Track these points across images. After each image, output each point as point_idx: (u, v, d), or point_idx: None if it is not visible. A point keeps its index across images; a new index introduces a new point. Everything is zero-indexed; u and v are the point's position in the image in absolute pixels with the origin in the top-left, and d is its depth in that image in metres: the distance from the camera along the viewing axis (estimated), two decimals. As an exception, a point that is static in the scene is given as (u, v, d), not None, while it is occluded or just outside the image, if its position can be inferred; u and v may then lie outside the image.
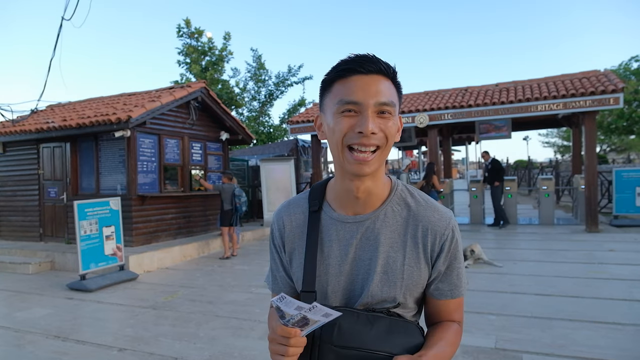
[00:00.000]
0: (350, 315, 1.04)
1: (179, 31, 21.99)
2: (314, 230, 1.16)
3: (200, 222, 10.68)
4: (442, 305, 1.18)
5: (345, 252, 1.13)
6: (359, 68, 1.04)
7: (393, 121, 1.06)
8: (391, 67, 1.07)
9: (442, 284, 1.16)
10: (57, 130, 9.04)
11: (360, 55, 1.06)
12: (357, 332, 1.03)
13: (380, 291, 1.10)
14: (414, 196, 1.18)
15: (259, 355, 4.04)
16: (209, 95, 10.69)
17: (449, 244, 1.13)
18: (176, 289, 6.66)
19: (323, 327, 1.02)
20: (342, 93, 1.04)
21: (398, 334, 1.06)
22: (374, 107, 1.02)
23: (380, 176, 1.14)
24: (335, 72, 1.07)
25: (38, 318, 5.40)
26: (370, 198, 1.13)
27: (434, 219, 1.13)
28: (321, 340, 1.03)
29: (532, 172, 26.19)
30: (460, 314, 1.22)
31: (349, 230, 1.14)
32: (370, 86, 1.03)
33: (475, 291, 5.88)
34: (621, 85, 10.24)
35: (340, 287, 1.13)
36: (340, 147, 1.05)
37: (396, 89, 1.09)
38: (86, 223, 6.88)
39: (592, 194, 10.57)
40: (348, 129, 1.03)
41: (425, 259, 1.13)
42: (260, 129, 24.50)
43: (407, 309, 1.14)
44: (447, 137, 15.70)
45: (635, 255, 7.63)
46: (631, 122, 25.24)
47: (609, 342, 4.01)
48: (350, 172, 1.07)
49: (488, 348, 3.99)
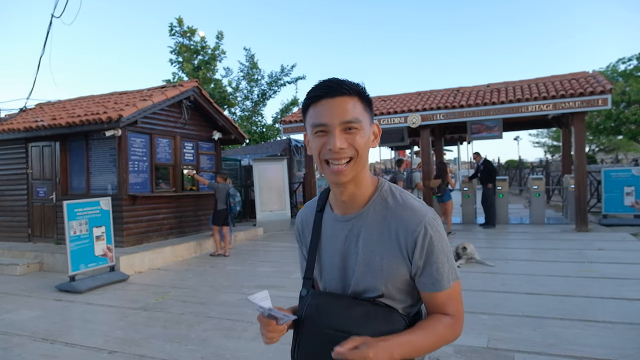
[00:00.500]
0: (331, 298, 1.26)
1: (171, 29, 21.88)
2: (317, 228, 1.37)
3: (192, 222, 10.62)
4: (430, 297, 1.25)
5: (337, 246, 1.31)
6: (324, 94, 1.19)
7: (361, 134, 1.19)
8: (355, 86, 1.21)
9: (423, 278, 1.23)
10: (46, 129, 8.95)
11: (326, 82, 1.21)
12: (333, 314, 1.20)
13: (363, 282, 1.24)
14: (394, 196, 1.29)
15: (252, 357, 4.02)
16: (202, 95, 10.64)
17: (421, 240, 1.20)
18: (167, 290, 6.62)
19: (306, 308, 1.26)
20: (314, 117, 1.20)
21: (376, 320, 1.18)
22: (340, 126, 1.17)
23: (362, 180, 1.26)
24: (307, 98, 1.23)
25: (26, 320, 5.34)
26: (354, 200, 1.28)
27: (406, 216, 1.23)
28: (304, 318, 1.25)
29: (523, 172, 26.39)
30: (453, 306, 1.26)
31: (340, 228, 1.31)
32: (335, 108, 1.17)
33: (467, 291, 5.90)
34: (609, 86, 10.34)
35: (334, 276, 1.31)
36: (319, 162, 1.23)
37: (364, 104, 1.23)
38: (76, 223, 6.82)
39: (582, 194, 10.65)
40: (321, 146, 1.19)
41: (402, 254, 1.22)
42: (253, 129, 24.44)
43: (394, 300, 1.23)
44: (439, 137, 15.74)
45: (623, 254, 7.70)
46: (619, 122, 25.49)
47: (599, 340, 4.04)
48: (330, 181, 1.25)
49: (480, 347, 4.00)
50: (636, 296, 5.27)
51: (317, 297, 1.27)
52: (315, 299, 1.26)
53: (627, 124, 25.50)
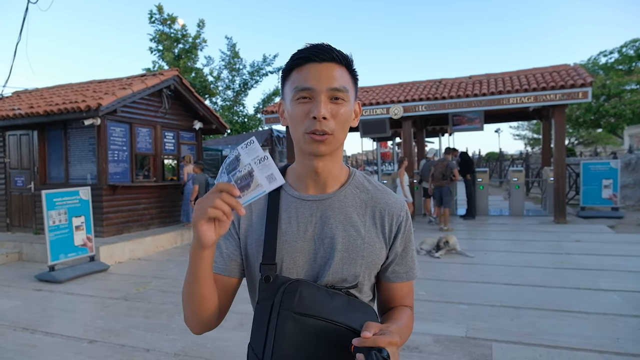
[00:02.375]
0: (311, 287, 1.07)
1: (150, 17, 21.54)
2: (274, 206, 1.18)
3: (174, 212, 10.54)
4: (397, 289, 1.23)
5: (304, 229, 1.15)
6: (313, 57, 1.09)
7: (346, 107, 1.10)
8: (345, 55, 1.12)
9: (398, 267, 1.21)
10: (23, 117, 8.76)
11: (315, 45, 1.11)
12: (318, 302, 1.05)
13: (341, 269, 1.13)
14: (370, 182, 1.24)
15: (233, 346, 4.04)
16: (182, 84, 10.51)
17: (404, 225, 1.19)
18: (148, 280, 6.58)
19: (284, 293, 1.04)
20: (298, 80, 1.09)
21: (357, 311, 1.09)
22: (327, 93, 1.07)
23: (339, 158, 1.18)
24: (292, 60, 1.12)
25: (5, 310, 5.27)
26: (330, 178, 1.17)
27: (390, 202, 1.20)
28: (281, 307, 1.04)
29: (503, 164, 26.69)
30: (411, 299, 1.27)
31: (308, 209, 1.17)
32: (323, 73, 1.08)
33: (447, 281, 5.99)
34: (590, 79, 10.48)
35: (297, 263, 1.14)
36: (299, 132, 1.10)
37: (351, 76, 1.14)
38: (55, 213, 6.72)
39: (561, 186, 10.84)
40: (303, 115, 1.08)
41: (384, 240, 1.18)
42: (234, 119, 24.27)
43: (363, 293, 1.18)
44: (421, 129, 15.82)
45: (600, 246, 7.87)
46: (598, 115, 25.97)
47: (574, 330, 4.14)
48: (308, 152, 1.11)
49: (459, 337, 4.07)
50: (611, 287, 5.40)
51: (296, 284, 1.06)
52: (293, 285, 1.06)
53: (607, 117, 26.02)
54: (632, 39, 26.55)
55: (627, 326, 4.20)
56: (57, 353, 4.03)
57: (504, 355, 3.67)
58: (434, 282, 5.93)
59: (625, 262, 6.63)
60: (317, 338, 1.02)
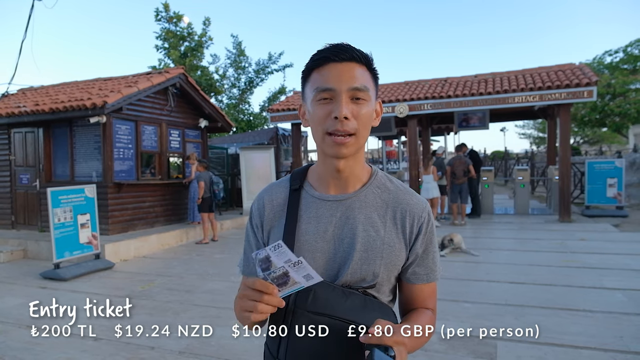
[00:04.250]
0: (326, 286, 1.07)
1: (157, 15, 21.52)
2: (294, 207, 1.19)
3: (179, 210, 10.57)
4: (418, 290, 1.21)
5: (324, 229, 1.15)
6: (333, 57, 1.09)
7: (367, 107, 1.10)
8: (365, 54, 1.12)
9: (419, 268, 1.19)
10: (29, 114, 8.80)
11: (334, 45, 1.11)
12: (332, 302, 1.05)
13: (360, 269, 1.12)
14: (392, 182, 1.23)
15: (237, 345, 4.05)
16: (188, 82, 10.53)
17: (425, 227, 1.18)
18: (153, 278, 6.60)
19: (299, 293, 1.03)
20: (318, 81, 1.09)
21: (373, 310, 1.08)
22: (348, 93, 1.07)
23: (361, 158, 1.18)
24: (312, 61, 1.12)
25: (10, 308, 5.30)
26: (351, 178, 1.18)
27: (412, 202, 1.18)
28: (295, 305, 1.06)
29: (509, 162, 26.60)
30: (434, 301, 1.25)
31: (328, 209, 1.17)
32: (344, 73, 1.08)
33: (452, 280, 5.98)
34: (595, 78, 10.44)
35: (317, 263, 1.14)
36: (320, 133, 1.11)
37: (372, 75, 1.14)
38: (60, 211, 6.75)
39: (566, 185, 10.79)
40: (325, 115, 1.08)
41: (404, 241, 1.16)
42: (240, 117, 24.25)
43: (382, 294, 1.17)
44: (427, 128, 15.79)
45: (605, 245, 7.84)
46: (603, 115, 25.85)
47: (579, 328, 4.13)
48: (330, 154, 1.12)
49: (463, 335, 4.06)
50: (616, 286, 5.38)
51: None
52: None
53: (612, 116, 25.89)
54: (638, 38, 26.42)
55: (631, 324, 4.19)
56: (63, 350, 4.05)
57: (509, 354, 3.66)
58: (438, 281, 5.91)
59: (629, 261, 6.60)
60: (331, 336, 1.03)
